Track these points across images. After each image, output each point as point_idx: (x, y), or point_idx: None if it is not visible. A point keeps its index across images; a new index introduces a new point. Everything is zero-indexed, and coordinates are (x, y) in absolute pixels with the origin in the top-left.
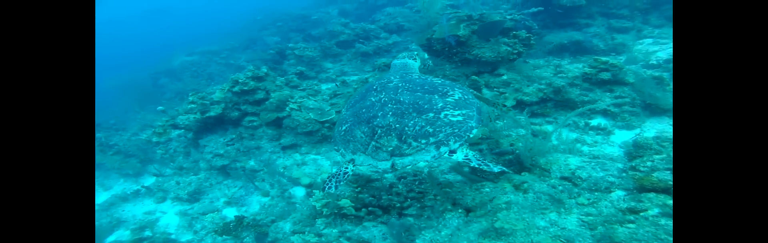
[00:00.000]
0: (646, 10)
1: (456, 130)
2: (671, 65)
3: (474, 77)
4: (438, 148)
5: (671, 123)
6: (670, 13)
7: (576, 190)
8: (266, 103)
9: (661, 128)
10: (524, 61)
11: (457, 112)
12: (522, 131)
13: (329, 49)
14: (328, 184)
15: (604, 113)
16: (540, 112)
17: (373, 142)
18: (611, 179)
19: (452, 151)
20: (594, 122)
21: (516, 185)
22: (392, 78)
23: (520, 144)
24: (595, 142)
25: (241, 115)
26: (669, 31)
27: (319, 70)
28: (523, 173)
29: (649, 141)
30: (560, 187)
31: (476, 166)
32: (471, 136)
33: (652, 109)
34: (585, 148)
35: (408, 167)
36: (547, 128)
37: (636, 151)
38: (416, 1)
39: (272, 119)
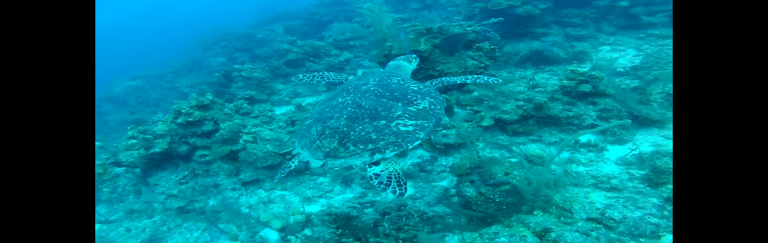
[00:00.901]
0: (596, 18)
1: (399, 140)
2: (640, 72)
3: (443, 96)
4: (372, 154)
5: (662, 134)
6: (618, 21)
7: (614, 236)
8: (216, 135)
9: (653, 141)
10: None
11: (410, 123)
12: (507, 154)
13: (278, 69)
14: (276, 177)
15: (591, 128)
16: (522, 131)
17: (318, 142)
18: (653, 220)
19: (375, 163)
20: (583, 139)
21: (538, 233)
22: (371, 80)
23: (517, 172)
24: (591, 161)
25: (190, 149)
26: (622, 38)
27: (270, 92)
28: (535, 212)
29: (668, 164)
30: (594, 234)
31: (375, 184)
32: (411, 147)
33: (640, 121)
34: (581, 169)
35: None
36: (531, 147)
37: (657, 176)
38: (364, 16)
39: (226, 153)
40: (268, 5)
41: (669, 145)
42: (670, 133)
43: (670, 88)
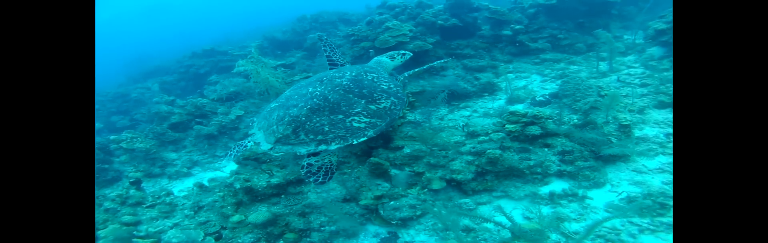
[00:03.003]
0: (487, 48)
1: (347, 135)
2: (565, 100)
3: (374, 159)
4: (318, 145)
5: (632, 169)
6: (510, 49)
7: None
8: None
9: (629, 178)
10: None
11: (365, 120)
12: (477, 219)
13: (164, 135)
14: (229, 153)
15: (559, 174)
16: (482, 189)
17: (274, 126)
18: None
19: (315, 154)
20: (557, 189)
21: None
22: (347, 74)
23: None
24: (580, 215)
25: None
26: (520, 65)
27: (162, 163)
28: None
29: None
30: None
31: (303, 173)
32: (356, 143)
33: (605, 158)
34: (575, 226)
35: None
36: (501, 204)
37: None
38: (245, 67)
39: None
40: (137, 60)
41: (650, 181)
42: (638, 166)
43: (612, 114)
